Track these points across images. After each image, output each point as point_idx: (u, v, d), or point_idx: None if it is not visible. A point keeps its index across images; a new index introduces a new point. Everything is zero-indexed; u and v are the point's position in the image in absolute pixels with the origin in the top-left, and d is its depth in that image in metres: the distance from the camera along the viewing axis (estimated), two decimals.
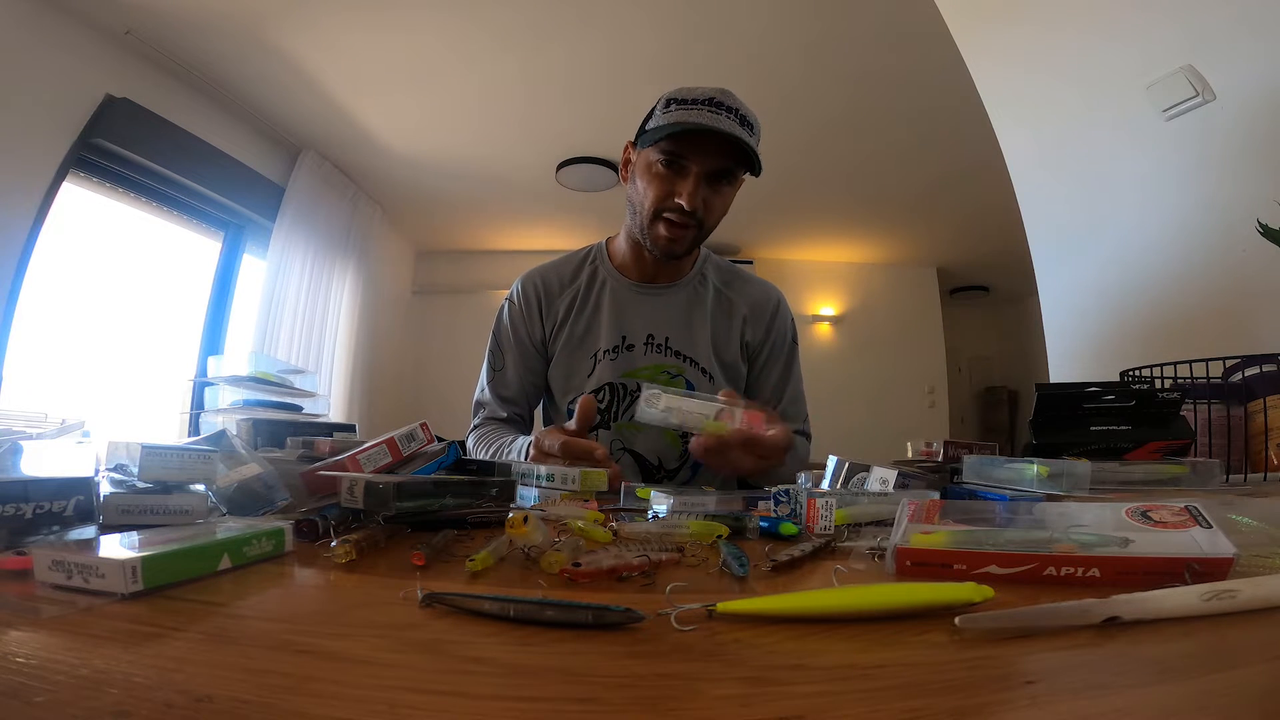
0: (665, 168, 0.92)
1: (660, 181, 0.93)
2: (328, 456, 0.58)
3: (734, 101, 0.90)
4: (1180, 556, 0.32)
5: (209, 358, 2.60)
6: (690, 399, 0.72)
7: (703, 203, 0.92)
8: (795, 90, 2.70)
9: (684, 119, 0.88)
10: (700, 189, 0.91)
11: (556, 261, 1.11)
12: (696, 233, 0.95)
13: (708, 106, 0.88)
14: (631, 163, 0.99)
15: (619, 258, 1.07)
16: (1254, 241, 1.06)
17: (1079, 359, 1.67)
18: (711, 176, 0.92)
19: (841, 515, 0.49)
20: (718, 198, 0.94)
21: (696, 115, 0.88)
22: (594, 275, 1.07)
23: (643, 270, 1.05)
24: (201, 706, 0.19)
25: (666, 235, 0.94)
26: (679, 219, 0.92)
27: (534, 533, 0.39)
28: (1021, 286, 4.01)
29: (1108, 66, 1.55)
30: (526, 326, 1.06)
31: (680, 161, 0.91)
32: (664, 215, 0.93)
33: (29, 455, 0.55)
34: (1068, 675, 0.23)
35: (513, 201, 3.85)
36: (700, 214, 0.93)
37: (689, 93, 0.91)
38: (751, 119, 0.91)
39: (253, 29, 2.33)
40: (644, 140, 0.93)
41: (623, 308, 1.04)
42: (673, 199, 0.92)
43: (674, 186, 0.92)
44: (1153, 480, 0.65)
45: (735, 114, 0.89)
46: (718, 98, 0.89)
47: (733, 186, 0.95)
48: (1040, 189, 1.79)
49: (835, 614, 0.28)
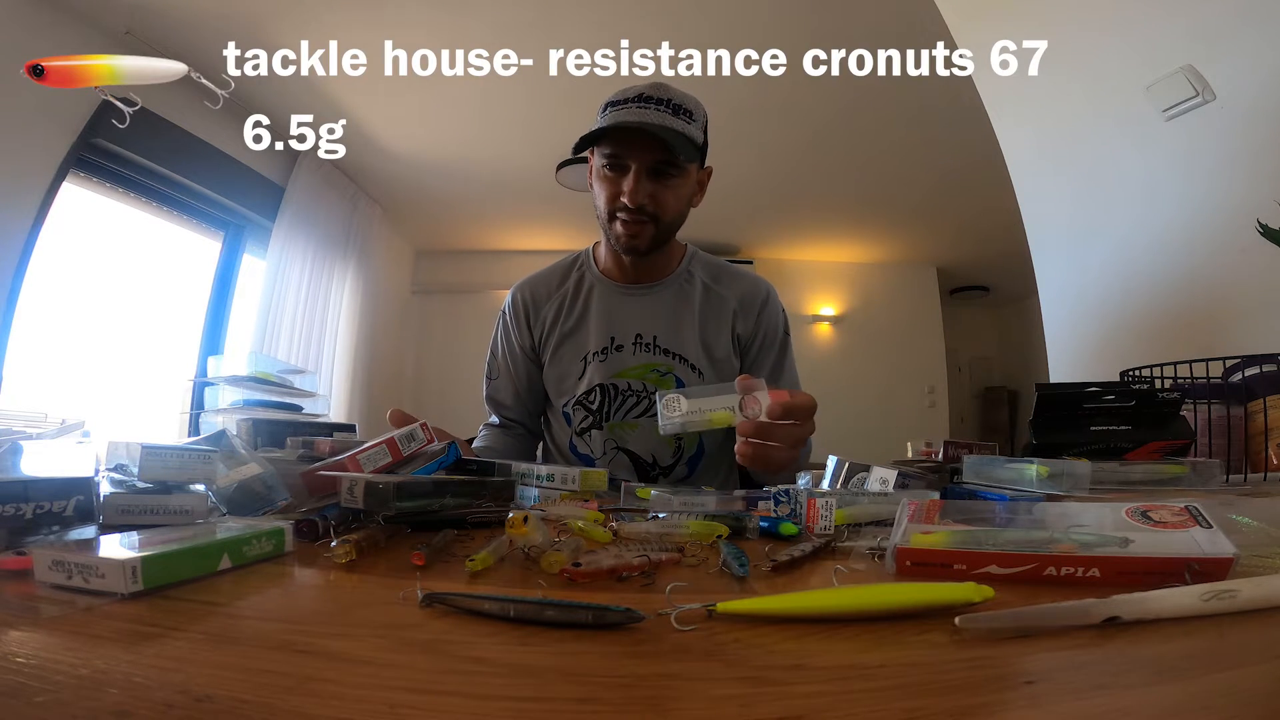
0: (609, 170, 0.94)
1: (608, 183, 0.95)
2: (328, 456, 0.58)
3: (666, 93, 0.92)
4: (1180, 556, 0.32)
5: (209, 358, 2.60)
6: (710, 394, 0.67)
7: (650, 197, 0.93)
8: (795, 90, 2.70)
9: (614, 119, 0.90)
10: (642, 184, 0.92)
11: (546, 270, 1.13)
12: (654, 228, 0.96)
13: (637, 103, 0.90)
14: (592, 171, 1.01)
15: (603, 261, 1.08)
16: (1254, 241, 1.06)
17: (1079, 359, 1.67)
18: (653, 171, 0.93)
19: (841, 515, 0.49)
20: (667, 191, 0.95)
21: (626, 114, 0.90)
22: (581, 279, 1.08)
23: (626, 271, 1.05)
24: (201, 706, 0.19)
25: (624, 232, 0.96)
26: (629, 216, 0.94)
27: (534, 533, 0.39)
28: (1021, 286, 4.00)
29: (1108, 66, 1.55)
30: (517, 337, 1.09)
31: (620, 161, 0.93)
32: (617, 215, 0.95)
33: (29, 455, 0.55)
34: (1068, 675, 0.23)
35: (513, 201, 3.85)
36: (650, 209, 0.94)
37: (623, 93, 0.93)
38: (689, 106, 0.93)
39: (253, 29, 2.33)
40: (582, 147, 0.96)
41: (610, 309, 1.05)
42: (619, 198, 0.93)
43: (619, 186, 0.93)
44: (1153, 480, 0.65)
45: (667, 104, 0.90)
46: (648, 92, 0.91)
47: (681, 177, 0.96)
48: (1040, 189, 1.79)
49: (835, 614, 0.28)
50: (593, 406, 1.03)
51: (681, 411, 0.64)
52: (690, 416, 0.64)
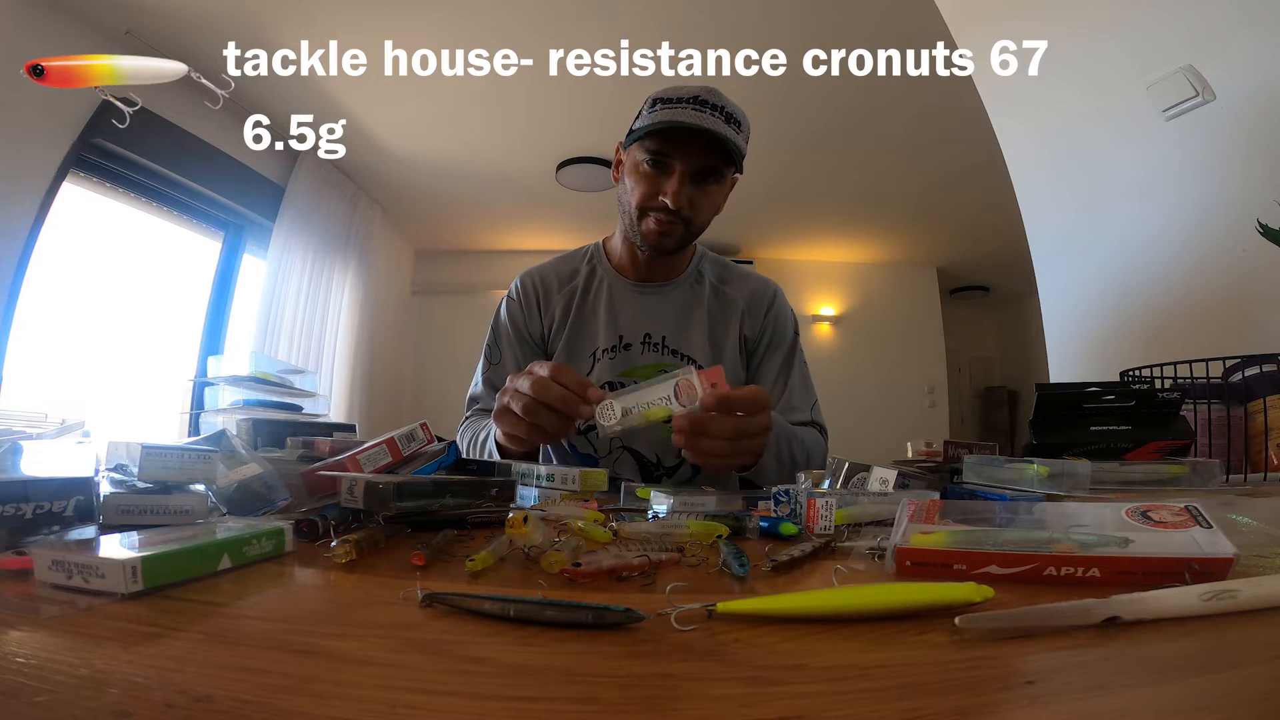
0: (650, 167, 0.92)
1: (646, 180, 0.93)
2: (328, 456, 0.58)
3: (719, 99, 0.90)
4: (1180, 556, 0.32)
5: (209, 358, 2.60)
6: (643, 389, 0.64)
7: (689, 201, 0.92)
8: (795, 90, 2.70)
9: (668, 118, 0.88)
10: (685, 187, 0.91)
11: (555, 260, 1.11)
12: (685, 230, 0.95)
13: (692, 105, 0.88)
14: (622, 163, 0.99)
15: (615, 257, 1.07)
16: (1254, 241, 1.06)
17: (1079, 359, 1.67)
18: (697, 175, 0.92)
19: (841, 515, 0.49)
20: (705, 196, 0.94)
21: (681, 114, 0.88)
22: (592, 274, 1.07)
23: (638, 269, 1.05)
24: (201, 706, 0.19)
25: (655, 230, 0.94)
26: (665, 216, 0.93)
27: (534, 533, 0.39)
28: (1021, 286, 4.00)
29: (1108, 66, 1.55)
30: (525, 322, 1.06)
31: (665, 160, 0.91)
32: (650, 212, 0.94)
33: (29, 455, 0.55)
34: (1068, 675, 0.23)
35: (513, 201, 3.85)
36: (686, 212, 0.93)
37: (674, 91, 0.91)
38: (739, 116, 0.91)
39: (253, 29, 2.33)
40: (630, 139, 0.94)
41: (619, 307, 1.04)
42: (657, 197, 0.92)
43: (659, 185, 0.92)
44: (1153, 480, 0.65)
45: (720, 111, 0.89)
46: (703, 95, 0.89)
47: (721, 185, 0.95)
48: (1040, 189, 1.79)
49: (835, 614, 0.28)
50: None
51: (616, 416, 0.62)
52: (626, 420, 0.62)
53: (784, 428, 0.87)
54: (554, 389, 0.65)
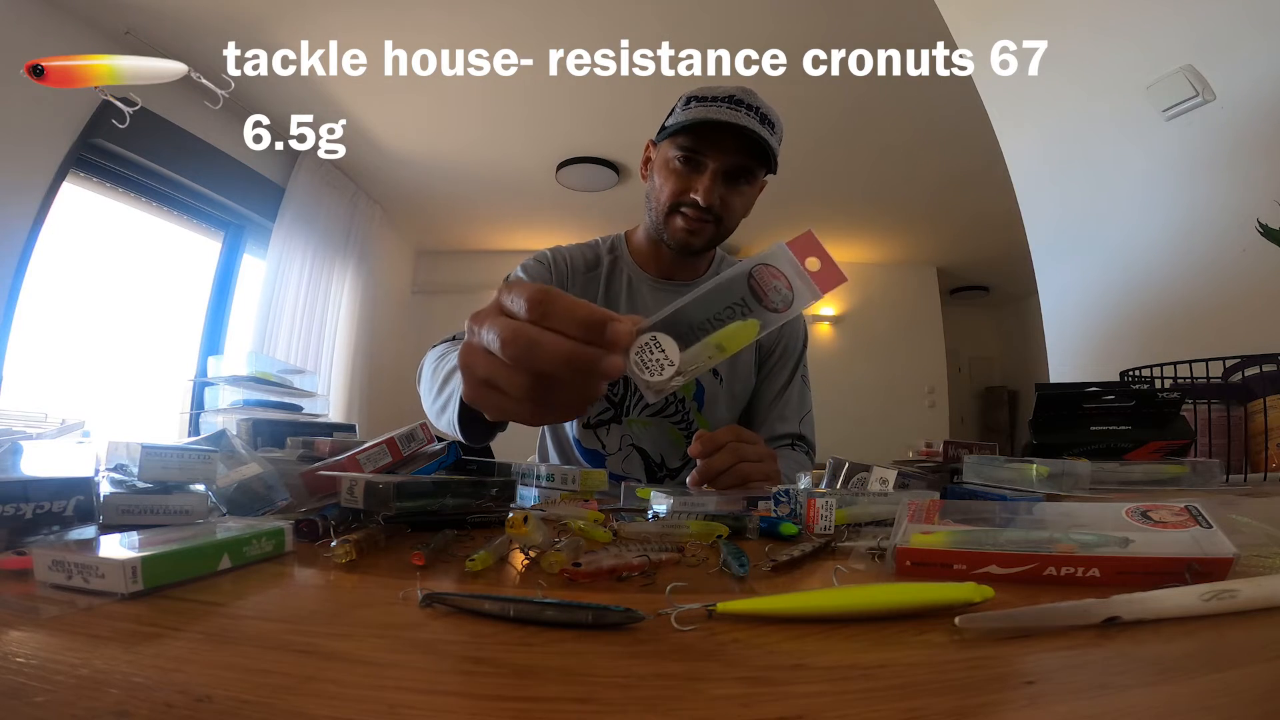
0: (682, 164, 0.91)
1: (677, 177, 0.92)
2: (328, 456, 0.58)
3: (755, 100, 0.90)
4: (1180, 556, 0.32)
5: (209, 358, 2.60)
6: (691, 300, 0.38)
7: (720, 200, 0.92)
8: (795, 90, 2.70)
9: (703, 115, 0.87)
10: (717, 185, 0.90)
11: (576, 245, 1.08)
12: (714, 229, 0.94)
13: (728, 104, 0.88)
14: (651, 160, 0.99)
15: (639, 253, 1.06)
16: (1254, 241, 1.06)
17: (1079, 359, 1.67)
18: (729, 174, 0.91)
19: (841, 515, 0.49)
20: (737, 196, 0.94)
21: (715, 111, 0.87)
22: (615, 264, 1.06)
23: (661, 267, 1.04)
24: (201, 706, 0.19)
25: (684, 227, 0.93)
26: (696, 214, 0.92)
27: (534, 533, 0.39)
28: (1021, 286, 4.01)
29: (1108, 66, 1.55)
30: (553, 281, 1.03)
31: (697, 157, 0.90)
32: (680, 209, 0.93)
33: (29, 455, 0.55)
34: (1068, 675, 0.23)
35: (513, 201, 3.85)
36: (717, 210, 0.92)
37: (710, 90, 0.90)
38: (773, 118, 0.91)
39: (253, 29, 2.33)
40: (663, 135, 0.93)
41: (640, 302, 1.03)
42: (688, 194, 0.91)
43: (691, 182, 0.91)
44: (1153, 480, 0.65)
45: (756, 112, 0.88)
46: (738, 95, 0.89)
47: (752, 186, 0.95)
48: (1040, 189, 1.80)
49: (835, 614, 0.28)
50: (615, 398, 1.01)
51: (673, 361, 0.36)
52: (690, 361, 0.37)
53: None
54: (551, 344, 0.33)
